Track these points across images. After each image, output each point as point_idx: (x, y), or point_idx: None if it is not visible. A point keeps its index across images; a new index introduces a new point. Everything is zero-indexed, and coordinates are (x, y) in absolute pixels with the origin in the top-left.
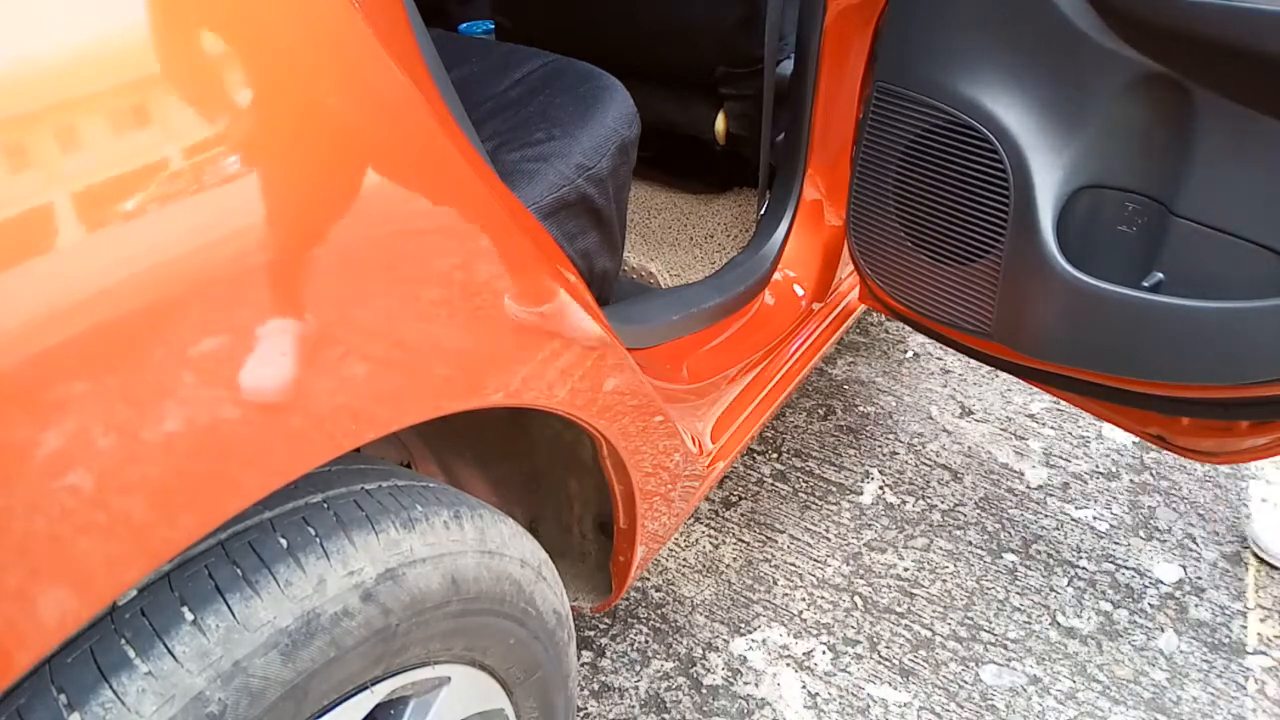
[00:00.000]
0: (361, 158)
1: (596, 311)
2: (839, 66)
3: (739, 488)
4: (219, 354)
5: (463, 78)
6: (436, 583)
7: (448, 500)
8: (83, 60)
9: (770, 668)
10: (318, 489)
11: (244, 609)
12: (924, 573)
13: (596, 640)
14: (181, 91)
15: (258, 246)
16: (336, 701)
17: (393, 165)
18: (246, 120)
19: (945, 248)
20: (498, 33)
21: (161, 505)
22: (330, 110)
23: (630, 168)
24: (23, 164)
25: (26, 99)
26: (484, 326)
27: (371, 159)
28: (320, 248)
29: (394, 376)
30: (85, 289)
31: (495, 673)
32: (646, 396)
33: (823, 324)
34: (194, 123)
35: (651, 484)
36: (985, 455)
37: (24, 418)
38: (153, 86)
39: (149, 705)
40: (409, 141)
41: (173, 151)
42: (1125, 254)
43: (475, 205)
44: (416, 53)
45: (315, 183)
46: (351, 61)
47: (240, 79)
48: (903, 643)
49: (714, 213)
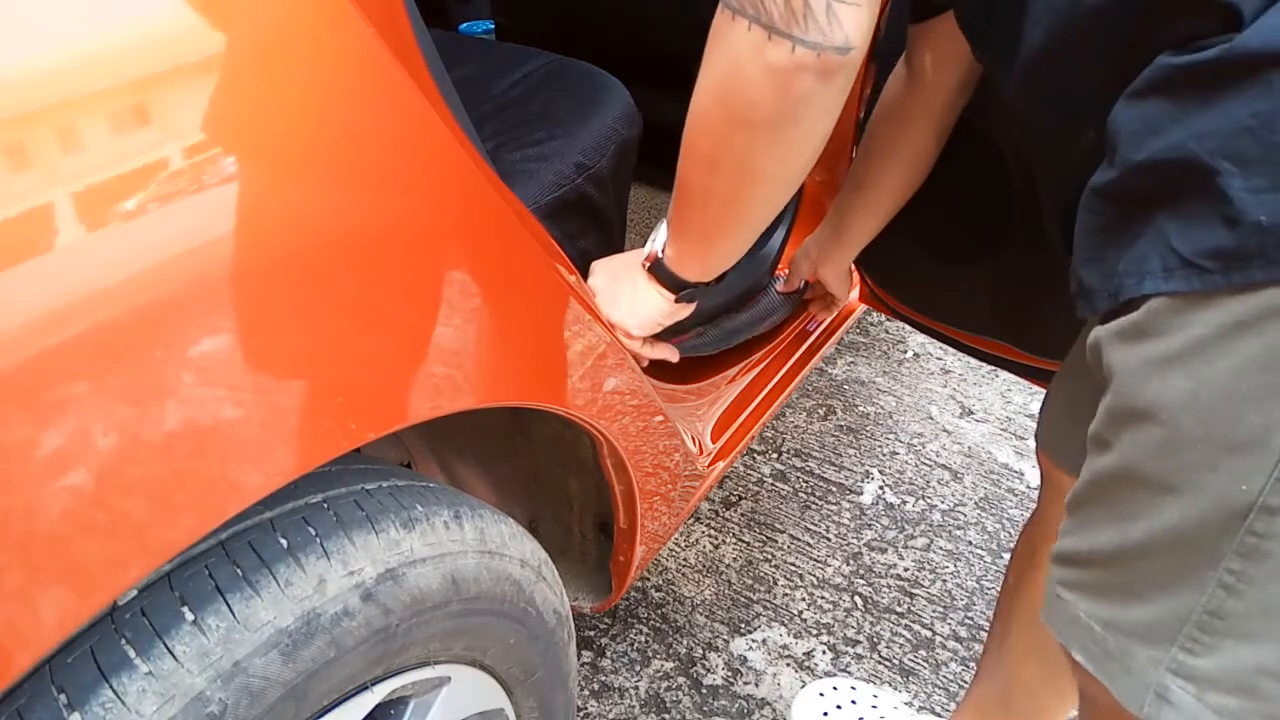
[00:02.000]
0: (361, 157)
1: (596, 311)
2: None
3: (739, 488)
4: (219, 354)
5: (463, 78)
6: (436, 583)
7: (448, 500)
8: (82, 60)
9: (770, 668)
10: (318, 489)
11: (244, 609)
12: (924, 573)
13: (596, 640)
14: (181, 91)
15: (258, 246)
16: (336, 701)
17: (393, 164)
18: (247, 120)
19: (945, 248)
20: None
21: (161, 505)
22: (330, 110)
23: (630, 168)
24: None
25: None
26: (484, 326)
27: (371, 158)
28: (320, 247)
29: (394, 376)
30: (85, 289)
31: (495, 673)
32: (647, 396)
33: (823, 324)
34: (194, 122)
35: (651, 484)
36: (985, 455)
37: (24, 418)
38: (152, 86)
39: (149, 705)
40: (409, 141)
41: (172, 151)
42: None
43: (475, 205)
44: (416, 53)
45: (315, 182)
46: (352, 61)
47: (241, 79)
48: (903, 643)
49: None
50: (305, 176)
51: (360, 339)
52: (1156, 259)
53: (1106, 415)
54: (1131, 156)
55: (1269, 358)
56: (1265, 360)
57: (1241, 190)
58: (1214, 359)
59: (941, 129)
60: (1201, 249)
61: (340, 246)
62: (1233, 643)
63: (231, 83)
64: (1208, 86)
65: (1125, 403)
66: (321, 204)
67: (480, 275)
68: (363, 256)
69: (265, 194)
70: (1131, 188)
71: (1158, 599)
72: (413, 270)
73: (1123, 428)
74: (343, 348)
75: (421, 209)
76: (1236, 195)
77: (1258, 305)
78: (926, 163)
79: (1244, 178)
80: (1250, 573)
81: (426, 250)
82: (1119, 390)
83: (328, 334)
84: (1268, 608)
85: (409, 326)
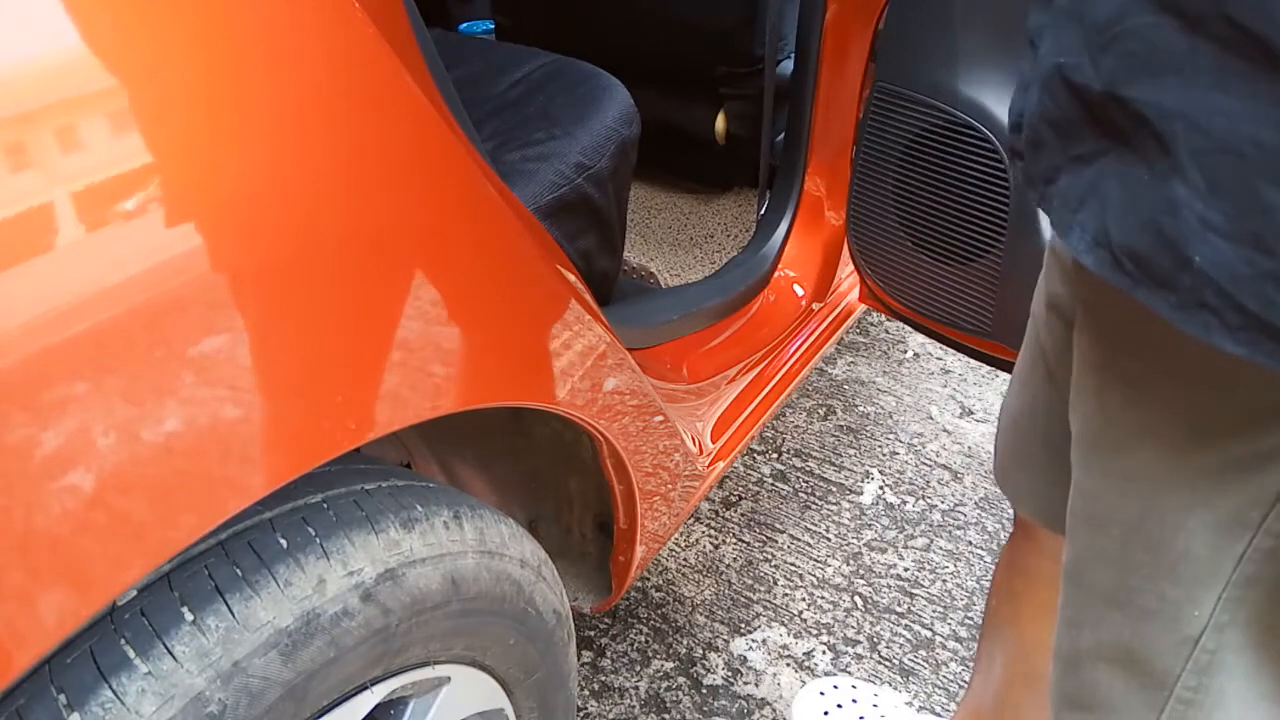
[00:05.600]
0: (361, 157)
1: (596, 311)
2: (839, 66)
3: (739, 488)
4: (218, 354)
5: (463, 78)
6: (436, 583)
7: (448, 500)
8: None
9: (770, 668)
10: (318, 489)
11: (244, 609)
12: (924, 573)
13: (596, 640)
14: (182, 91)
15: (258, 245)
16: (336, 701)
17: (393, 164)
18: (248, 120)
19: (945, 248)
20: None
21: (161, 505)
22: (331, 109)
23: (630, 168)
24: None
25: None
26: (483, 326)
27: (371, 158)
28: (320, 247)
29: (394, 376)
30: (85, 289)
31: (495, 673)
32: (647, 396)
33: (823, 324)
34: (194, 122)
35: (651, 484)
36: (985, 455)
37: (24, 418)
38: (151, 86)
39: (149, 705)
40: (409, 141)
41: (172, 150)
42: None
43: (475, 205)
44: (416, 53)
45: (315, 181)
46: (352, 61)
47: (241, 78)
48: (903, 643)
49: (714, 213)
50: (305, 176)
51: (360, 339)
52: (1092, 215)
53: (1070, 511)
54: (1118, 86)
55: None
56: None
57: (1191, 214)
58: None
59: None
60: (1128, 246)
61: (340, 246)
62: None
63: (231, 82)
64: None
65: (1084, 502)
66: (321, 203)
67: (480, 275)
68: (362, 256)
69: (265, 194)
70: (1099, 115)
71: (1110, 716)
72: (412, 270)
73: (1079, 527)
74: (342, 348)
75: (421, 209)
76: (1184, 214)
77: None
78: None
79: (1205, 202)
80: (1207, 683)
81: (426, 250)
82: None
83: (327, 334)
84: (1230, 704)
85: (408, 326)
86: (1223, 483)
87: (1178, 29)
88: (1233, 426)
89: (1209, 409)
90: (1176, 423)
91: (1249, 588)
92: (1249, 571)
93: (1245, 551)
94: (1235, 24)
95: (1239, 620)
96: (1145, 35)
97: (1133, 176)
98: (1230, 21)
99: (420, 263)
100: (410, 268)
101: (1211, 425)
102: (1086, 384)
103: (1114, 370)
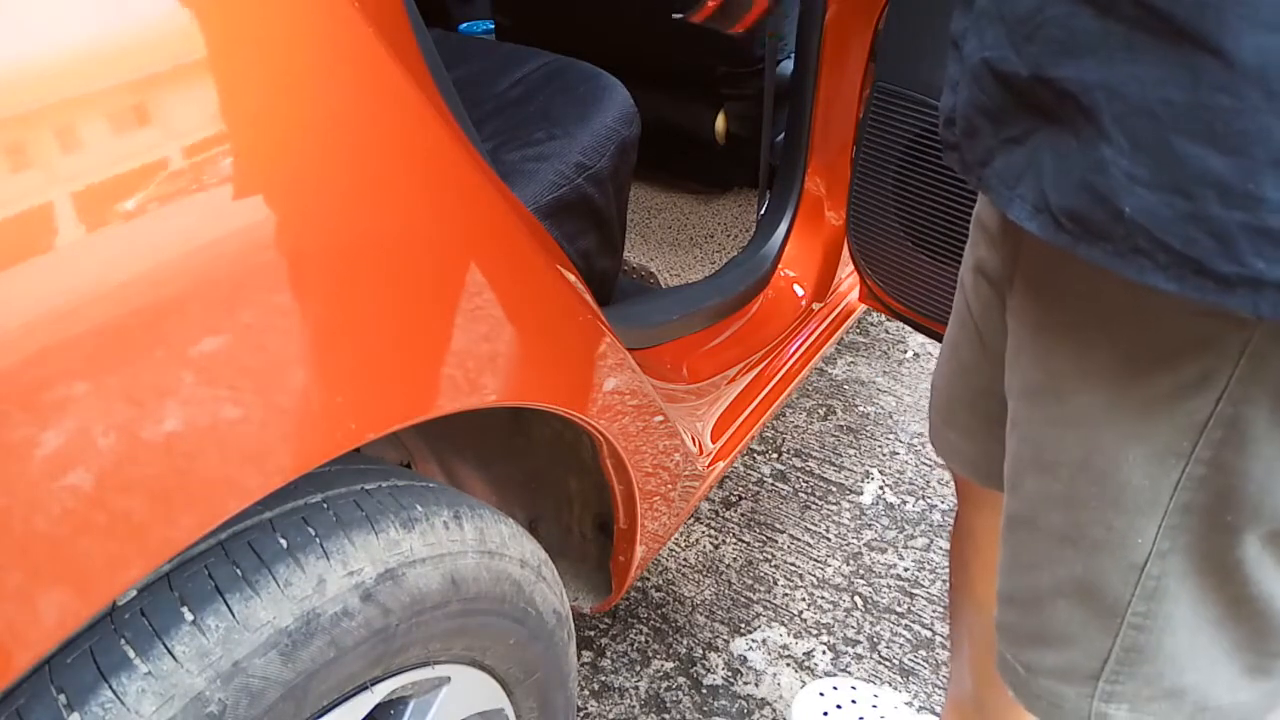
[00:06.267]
0: (361, 157)
1: (596, 311)
2: (839, 66)
3: (739, 488)
4: (219, 354)
5: (463, 78)
6: (436, 583)
7: (448, 500)
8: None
9: (770, 668)
10: (318, 489)
11: (244, 609)
12: (924, 573)
13: (596, 640)
14: (182, 91)
15: (258, 245)
16: (336, 701)
17: (393, 164)
18: (248, 120)
19: (945, 247)
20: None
21: (161, 505)
22: (331, 110)
23: (630, 168)
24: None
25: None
26: (484, 326)
27: (371, 158)
28: (320, 247)
29: (394, 376)
30: (86, 288)
31: (495, 673)
32: (647, 396)
33: (823, 324)
34: (194, 122)
35: (651, 484)
36: None
37: (24, 418)
38: (151, 86)
39: (149, 705)
40: (409, 140)
41: (173, 151)
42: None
43: (475, 205)
44: (416, 53)
45: (315, 182)
46: (352, 61)
47: (242, 80)
48: (903, 643)
49: (714, 213)
50: (305, 177)
51: (360, 339)
52: (1030, 187)
53: (1014, 462)
54: (1043, 69)
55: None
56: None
57: (1118, 171)
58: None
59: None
60: (1066, 207)
61: (339, 246)
62: (1153, 666)
63: (231, 83)
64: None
65: (1031, 450)
66: (321, 204)
67: (480, 275)
68: (362, 256)
69: (265, 194)
70: (1028, 98)
71: (1071, 646)
72: (411, 270)
73: (1027, 475)
74: (342, 348)
75: (421, 209)
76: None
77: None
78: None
79: (1129, 159)
80: (1155, 609)
81: (425, 250)
82: (1025, 437)
83: (327, 334)
84: (1178, 629)
85: (408, 326)
86: (1153, 415)
87: (1091, 14)
88: (1157, 360)
89: (1136, 347)
90: (1109, 364)
91: (1186, 515)
92: (1184, 499)
93: (1180, 480)
94: (1140, 4)
95: (1179, 546)
96: (1063, 22)
97: (1064, 146)
98: (1136, 3)
99: (420, 263)
100: (410, 268)
101: (1139, 362)
102: (1024, 340)
103: (1049, 324)
